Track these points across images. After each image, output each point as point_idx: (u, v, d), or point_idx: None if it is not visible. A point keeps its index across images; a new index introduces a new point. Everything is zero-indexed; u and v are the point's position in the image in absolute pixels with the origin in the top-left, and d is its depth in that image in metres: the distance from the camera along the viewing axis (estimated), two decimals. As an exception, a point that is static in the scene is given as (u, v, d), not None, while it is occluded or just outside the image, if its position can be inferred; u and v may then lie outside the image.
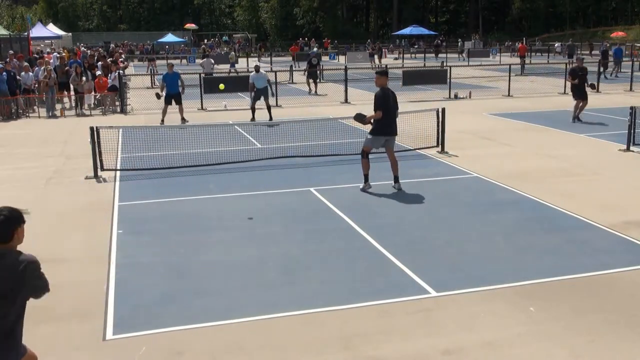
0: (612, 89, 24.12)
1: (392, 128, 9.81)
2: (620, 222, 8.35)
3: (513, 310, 5.89)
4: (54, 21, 67.45)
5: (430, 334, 5.48)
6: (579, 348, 5.22)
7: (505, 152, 13.25)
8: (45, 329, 5.66)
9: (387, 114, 9.64)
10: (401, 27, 68.36)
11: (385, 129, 9.72)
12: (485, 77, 31.04)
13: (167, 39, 61.69)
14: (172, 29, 69.38)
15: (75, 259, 7.37)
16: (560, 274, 6.67)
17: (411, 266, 6.94)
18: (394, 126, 9.86)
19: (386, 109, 9.61)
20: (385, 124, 9.65)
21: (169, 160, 12.19)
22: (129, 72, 32.94)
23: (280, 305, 6.03)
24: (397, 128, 10.01)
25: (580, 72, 17.15)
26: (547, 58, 48.57)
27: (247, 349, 5.27)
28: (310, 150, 13.11)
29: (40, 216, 9.15)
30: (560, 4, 72.21)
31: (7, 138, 16.06)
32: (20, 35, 35.77)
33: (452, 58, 46.64)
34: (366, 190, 9.86)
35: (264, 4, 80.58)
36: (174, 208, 9.44)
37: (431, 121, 13.69)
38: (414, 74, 25.65)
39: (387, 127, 9.71)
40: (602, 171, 11.34)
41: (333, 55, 54.45)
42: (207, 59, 28.81)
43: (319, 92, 24.98)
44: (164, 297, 6.26)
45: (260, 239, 8.00)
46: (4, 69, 19.32)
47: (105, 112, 20.41)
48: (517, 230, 8.17)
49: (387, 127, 9.71)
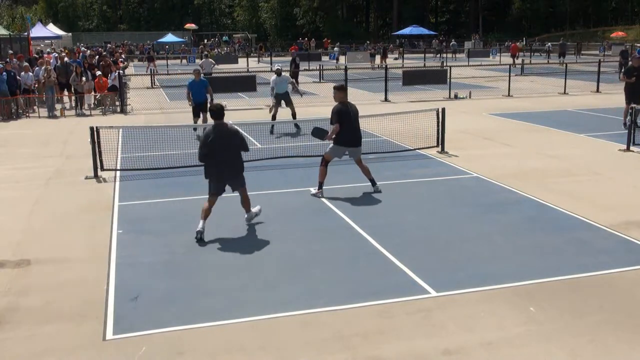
0: (612, 89, 24.11)
1: (353, 140, 9.75)
2: (620, 222, 8.35)
3: (513, 310, 5.89)
4: (54, 21, 67.50)
5: (430, 334, 5.48)
6: (579, 348, 5.22)
7: (506, 152, 13.25)
8: (45, 329, 5.66)
9: (348, 127, 9.57)
10: (401, 27, 68.39)
11: (346, 141, 9.68)
12: (485, 77, 31.05)
13: (167, 39, 61.74)
14: (172, 29, 69.39)
15: (76, 259, 7.37)
16: (560, 274, 6.67)
17: (411, 266, 6.94)
18: (356, 138, 9.77)
19: (346, 122, 9.55)
20: (346, 135, 9.61)
21: (169, 160, 12.18)
22: (129, 72, 32.96)
23: (280, 305, 6.03)
24: (360, 140, 9.85)
25: (636, 72, 15.60)
26: (537, 57, 48.57)
27: (247, 349, 5.27)
28: (310, 150, 13.10)
29: (41, 216, 9.16)
30: (560, 4, 72.24)
31: (7, 138, 16.06)
32: (20, 35, 35.78)
33: (452, 58, 46.65)
34: (317, 196, 9.73)
35: (264, 4, 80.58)
36: (174, 208, 9.44)
37: (431, 121, 13.69)
38: (414, 74, 25.65)
39: (348, 139, 9.67)
40: (602, 171, 11.34)
41: (333, 55, 54.52)
42: (206, 59, 28.81)
43: (319, 92, 24.97)
44: (164, 297, 6.26)
45: (260, 239, 8.00)
46: (4, 69, 19.32)
47: (105, 112, 20.41)
48: (517, 230, 8.17)
49: (348, 139, 9.67)
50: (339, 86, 9.88)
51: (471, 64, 38.57)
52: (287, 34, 75.83)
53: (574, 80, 25.37)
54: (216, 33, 74.83)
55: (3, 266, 7.17)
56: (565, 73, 24.41)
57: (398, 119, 13.11)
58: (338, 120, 9.54)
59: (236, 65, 39.58)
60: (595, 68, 25.46)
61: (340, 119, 9.53)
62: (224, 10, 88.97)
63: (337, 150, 9.81)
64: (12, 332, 5.62)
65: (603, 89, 24.30)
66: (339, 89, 9.81)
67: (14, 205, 9.77)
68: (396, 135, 14.26)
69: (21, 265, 7.20)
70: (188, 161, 12.16)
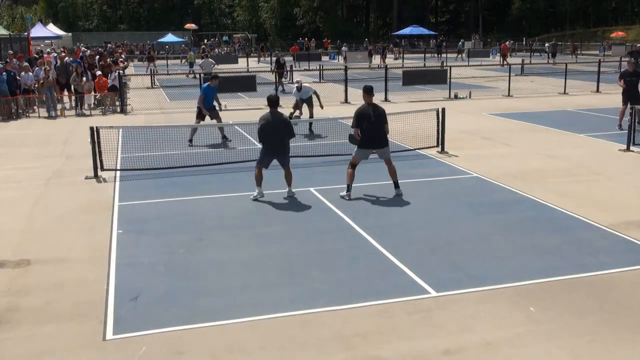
0: (612, 89, 24.09)
1: (375, 141, 9.77)
2: (620, 222, 8.36)
3: (513, 310, 5.89)
4: (54, 21, 67.45)
5: (430, 334, 5.48)
6: (579, 348, 5.22)
7: (506, 152, 13.25)
8: (46, 328, 5.66)
9: (367, 129, 9.60)
10: (401, 27, 68.35)
11: (367, 142, 9.74)
12: (485, 77, 31.05)
13: (167, 39, 61.69)
14: (172, 29, 69.33)
15: (75, 259, 7.37)
16: (560, 274, 6.67)
17: (411, 266, 6.94)
18: (377, 139, 9.77)
19: (366, 125, 9.59)
20: (366, 137, 9.67)
21: (169, 160, 12.19)
22: (129, 72, 32.95)
23: (280, 305, 6.03)
24: (383, 140, 9.83)
25: (629, 76, 15.45)
26: (537, 57, 48.68)
27: (248, 349, 5.27)
28: (310, 150, 13.11)
29: (41, 216, 9.16)
30: (560, 4, 72.27)
31: (7, 138, 16.05)
32: (20, 35, 35.76)
33: (452, 58, 46.66)
34: (345, 199, 9.74)
35: (264, 4, 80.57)
36: (174, 208, 9.44)
37: (431, 121, 13.69)
38: (414, 74, 25.65)
39: (369, 140, 9.72)
40: (603, 171, 11.34)
41: (333, 55, 54.56)
42: (206, 59, 28.83)
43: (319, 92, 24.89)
44: (164, 297, 6.26)
45: (260, 239, 8.00)
46: (4, 69, 19.31)
47: (105, 112, 20.41)
48: (517, 230, 8.17)
49: (369, 140, 9.72)
50: (365, 88, 9.89)
51: (471, 64, 38.59)
52: (287, 34, 75.81)
53: (574, 80, 25.37)
54: (216, 33, 74.80)
55: (3, 266, 7.17)
56: (565, 73, 24.39)
57: (398, 119, 13.11)
58: (356, 123, 9.69)
59: (236, 65, 39.59)
60: (595, 68, 25.47)
61: (359, 122, 9.65)
62: (224, 10, 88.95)
63: (360, 152, 9.86)
64: (12, 332, 5.62)
65: (603, 89, 24.29)
66: (364, 90, 9.84)
67: (14, 205, 9.77)
68: (396, 135, 14.23)
69: (21, 265, 7.20)
70: (188, 161, 12.18)
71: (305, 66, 39.27)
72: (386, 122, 9.77)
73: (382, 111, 9.76)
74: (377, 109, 9.75)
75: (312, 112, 16.43)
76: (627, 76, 15.54)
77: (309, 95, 16.29)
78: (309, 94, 16.28)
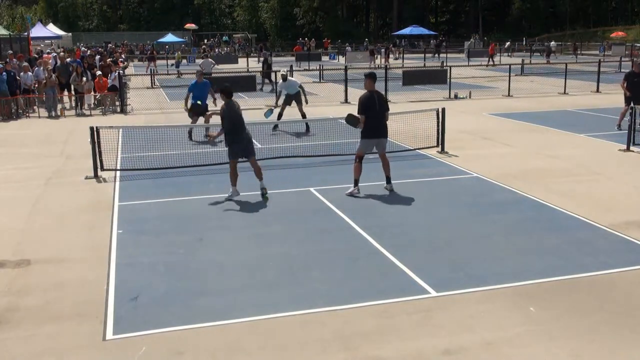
0: (612, 89, 24.09)
1: (378, 130, 9.74)
2: (620, 222, 8.35)
3: (513, 310, 5.89)
4: (54, 21, 67.47)
5: (430, 334, 5.48)
6: (579, 348, 5.22)
7: (506, 152, 13.25)
8: (46, 328, 5.66)
9: (372, 118, 9.56)
10: (401, 27, 68.36)
11: (370, 132, 9.66)
12: (485, 77, 31.05)
13: (167, 39, 61.71)
14: (172, 29, 69.32)
15: (76, 259, 7.37)
16: (560, 274, 6.67)
17: (411, 266, 6.94)
18: (380, 128, 9.76)
19: (371, 113, 9.54)
20: (370, 125, 9.60)
21: (169, 160, 12.18)
22: (129, 72, 32.95)
23: (280, 305, 6.03)
24: (384, 130, 9.84)
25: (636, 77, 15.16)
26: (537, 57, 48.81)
27: (248, 349, 5.27)
28: (310, 150, 13.11)
29: (40, 216, 9.16)
30: (560, 4, 72.29)
31: (7, 138, 16.05)
32: (20, 35, 35.75)
33: (452, 58, 46.63)
34: (354, 194, 9.75)
35: (264, 4, 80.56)
36: (174, 208, 9.44)
37: (431, 121, 13.69)
38: (414, 74, 25.65)
39: (373, 130, 9.65)
40: (603, 171, 11.34)
41: (333, 55, 54.57)
42: (206, 59, 28.84)
43: (319, 92, 24.97)
44: (164, 297, 6.26)
45: (260, 239, 8.00)
46: (4, 69, 19.31)
47: (105, 112, 20.40)
48: (517, 230, 8.17)
49: (373, 130, 9.65)
50: (368, 74, 9.85)
51: (471, 64, 38.59)
52: (287, 34, 75.81)
53: (574, 80, 25.36)
54: (216, 33, 74.80)
55: (3, 266, 7.17)
56: (565, 73, 24.40)
57: (398, 119, 13.10)
58: (363, 110, 9.54)
59: (236, 65, 39.60)
60: (595, 68, 25.46)
61: (365, 110, 9.53)
62: (224, 10, 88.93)
63: (365, 144, 9.79)
64: (12, 332, 5.62)
65: (603, 89, 24.29)
66: (367, 76, 9.78)
67: (14, 205, 9.77)
68: (396, 135, 14.23)
69: (21, 265, 7.20)
70: (188, 161, 12.17)
71: (306, 66, 39.29)
72: (388, 109, 9.83)
73: (385, 98, 9.83)
74: (381, 97, 9.79)
75: (303, 111, 15.88)
76: (633, 77, 15.45)
77: (297, 90, 15.80)
78: (296, 88, 15.82)
